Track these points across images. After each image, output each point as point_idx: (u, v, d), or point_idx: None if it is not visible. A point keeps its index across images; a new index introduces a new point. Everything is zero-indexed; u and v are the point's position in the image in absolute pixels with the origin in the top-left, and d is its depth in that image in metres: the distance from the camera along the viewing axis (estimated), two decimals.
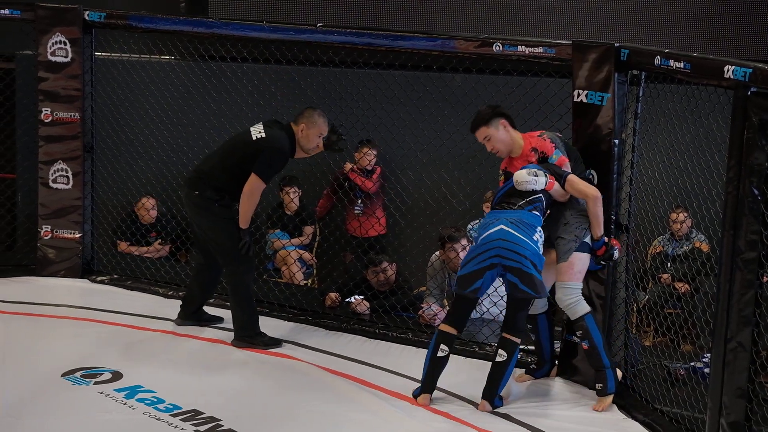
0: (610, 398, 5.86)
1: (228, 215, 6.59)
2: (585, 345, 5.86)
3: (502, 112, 6.12)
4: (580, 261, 5.91)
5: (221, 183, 6.60)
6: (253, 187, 6.50)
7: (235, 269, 6.69)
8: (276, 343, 6.73)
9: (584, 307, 5.88)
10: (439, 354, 5.79)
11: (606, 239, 5.90)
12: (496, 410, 5.75)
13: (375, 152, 9.08)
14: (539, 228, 5.80)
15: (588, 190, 5.87)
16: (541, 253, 5.74)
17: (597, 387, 5.88)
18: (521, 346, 6.01)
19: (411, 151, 8.45)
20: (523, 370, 6.35)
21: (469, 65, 7.41)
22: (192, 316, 7.07)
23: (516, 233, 5.68)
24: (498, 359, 5.75)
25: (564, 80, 6.49)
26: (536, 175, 5.82)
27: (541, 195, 5.87)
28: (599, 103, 6.03)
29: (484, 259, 5.69)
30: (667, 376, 6.06)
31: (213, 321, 7.12)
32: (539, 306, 6.15)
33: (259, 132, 6.59)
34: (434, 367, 5.83)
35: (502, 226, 5.72)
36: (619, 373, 6.01)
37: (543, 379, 6.31)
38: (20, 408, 5.45)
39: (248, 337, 6.71)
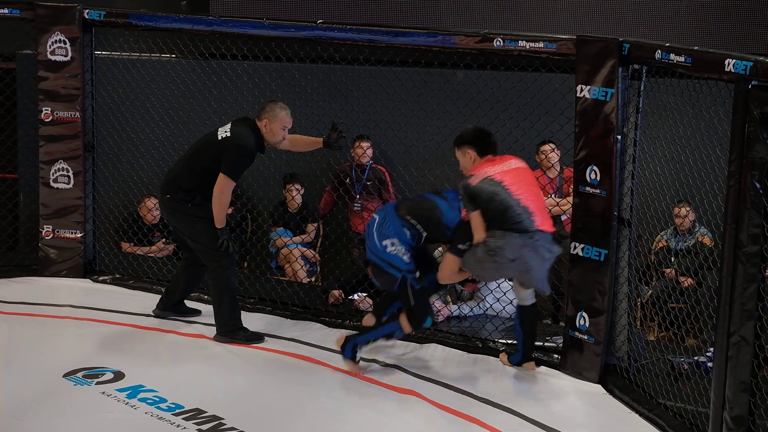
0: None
1: (201, 213, 6.63)
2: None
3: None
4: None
5: (191, 185, 6.67)
6: (223, 187, 6.55)
7: (214, 265, 6.73)
8: (258, 338, 6.75)
9: None
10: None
11: None
12: (501, 404, 5.75)
13: (368, 145, 9.04)
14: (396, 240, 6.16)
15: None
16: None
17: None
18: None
19: (413, 147, 8.43)
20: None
21: (470, 61, 7.38)
22: (172, 307, 7.15)
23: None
24: None
25: (565, 75, 6.48)
26: None
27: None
28: (603, 98, 6.01)
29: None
30: (670, 371, 6.05)
31: (191, 314, 7.16)
32: (525, 297, 6.18)
33: (225, 132, 6.67)
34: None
35: (373, 215, 6.37)
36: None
37: (547, 375, 6.30)
38: (22, 409, 5.45)
39: (229, 332, 6.74)
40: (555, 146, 8.25)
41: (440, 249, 7.51)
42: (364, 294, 7.48)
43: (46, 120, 8.04)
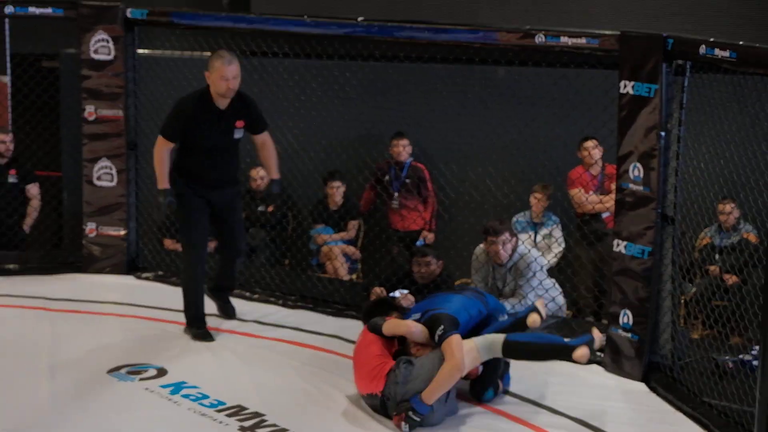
0: None
1: (176, 191, 6.53)
2: None
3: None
4: None
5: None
6: (157, 145, 6.51)
7: (183, 253, 6.78)
8: (205, 337, 6.63)
9: None
10: None
11: None
12: (542, 403, 5.72)
13: (406, 143, 8.97)
14: None
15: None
16: None
17: None
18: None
19: (454, 145, 8.41)
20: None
21: (512, 57, 7.36)
22: (210, 292, 7.07)
23: None
24: None
25: (608, 71, 6.43)
26: None
27: None
28: (647, 94, 5.96)
29: None
30: (715, 369, 5.99)
31: (228, 310, 7.10)
32: None
33: None
34: None
35: None
36: None
37: (590, 372, 6.26)
38: (67, 405, 5.49)
39: (186, 321, 6.74)
40: (598, 142, 8.17)
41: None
42: (406, 291, 7.47)
43: (89, 118, 8.10)
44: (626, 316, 6.16)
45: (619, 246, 6.18)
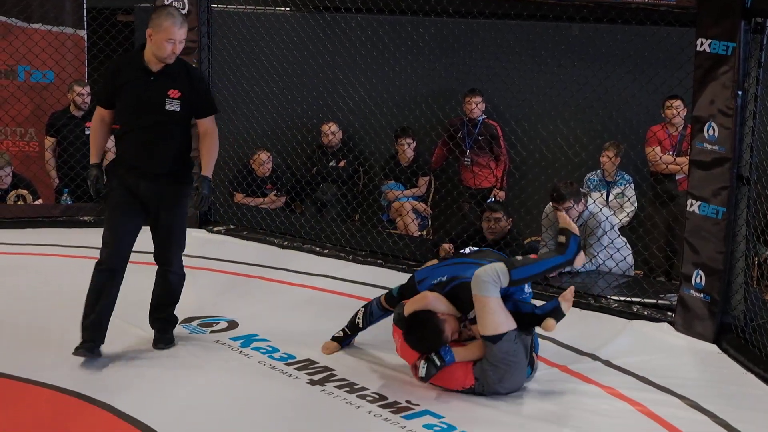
0: None
1: None
2: None
3: None
4: None
5: None
6: None
7: None
8: (80, 351, 5.43)
9: None
10: None
11: None
12: (612, 362, 5.69)
13: (480, 100, 8.90)
14: None
15: None
16: None
17: None
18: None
19: (526, 102, 8.35)
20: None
21: (587, 14, 7.28)
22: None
23: None
24: None
25: (684, 29, 6.33)
26: None
27: None
28: (724, 52, 5.86)
29: None
30: None
31: (159, 340, 5.80)
32: None
33: None
34: None
35: None
36: None
37: (660, 332, 6.23)
38: (140, 356, 5.58)
39: None
40: (683, 102, 8.00)
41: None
42: (476, 248, 7.45)
43: None
44: (699, 277, 6.10)
45: (693, 206, 6.11)
